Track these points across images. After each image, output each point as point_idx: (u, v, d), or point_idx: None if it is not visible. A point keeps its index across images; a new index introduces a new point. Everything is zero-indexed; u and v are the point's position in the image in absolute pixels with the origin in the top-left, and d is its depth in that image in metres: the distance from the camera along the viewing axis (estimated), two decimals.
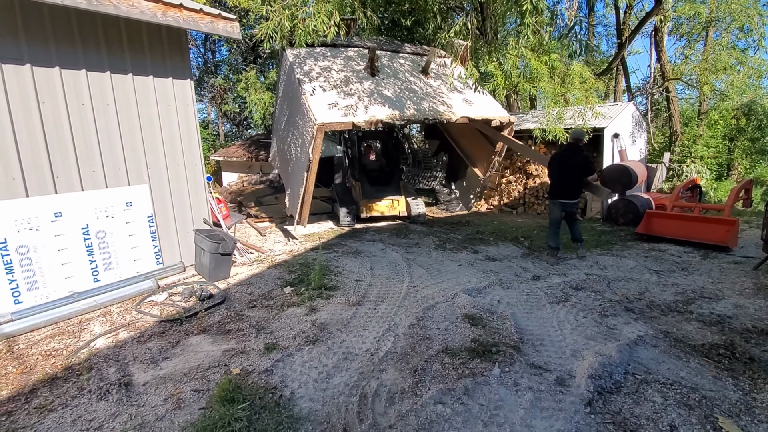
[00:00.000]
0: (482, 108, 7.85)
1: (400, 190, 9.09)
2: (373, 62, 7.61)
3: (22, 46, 3.86)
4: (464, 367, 3.15)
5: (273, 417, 2.60)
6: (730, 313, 4.16)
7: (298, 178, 7.00)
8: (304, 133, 6.59)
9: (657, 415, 2.63)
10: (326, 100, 6.61)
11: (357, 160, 9.31)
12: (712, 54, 10.27)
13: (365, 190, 8.87)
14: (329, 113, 6.27)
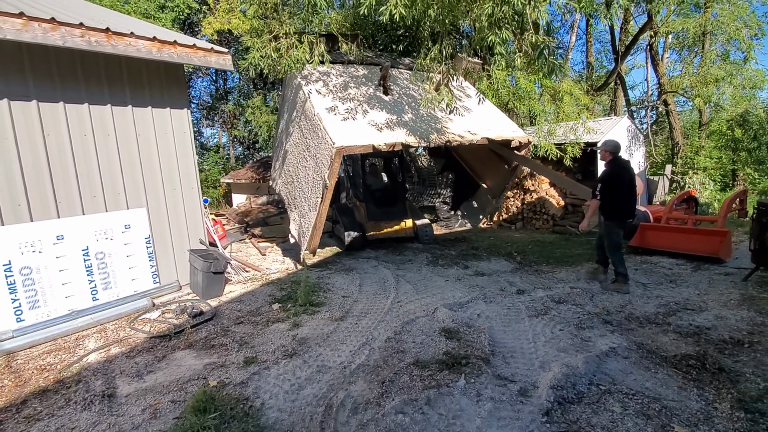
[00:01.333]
0: (501, 128, 7.39)
1: (407, 212, 8.74)
2: (386, 80, 7.26)
3: (29, 85, 4.25)
4: (431, 378, 3.24)
5: (240, 426, 2.74)
6: (710, 324, 4.16)
7: (307, 203, 6.59)
8: (317, 155, 6.09)
9: (613, 424, 2.68)
10: (341, 121, 6.17)
11: (361, 180, 8.86)
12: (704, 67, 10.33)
13: (370, 211, 8.41)
14: (347, 135, 5.81)
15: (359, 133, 6.00)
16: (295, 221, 7.33)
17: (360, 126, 6.18)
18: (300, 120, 6.80)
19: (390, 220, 8.42)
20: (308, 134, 6.49)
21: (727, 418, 2.74)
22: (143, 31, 4.58)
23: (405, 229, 8.48)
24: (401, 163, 9.43)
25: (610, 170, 5.20)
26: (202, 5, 13.72)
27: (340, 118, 6.22)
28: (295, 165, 7.24)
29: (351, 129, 6.01)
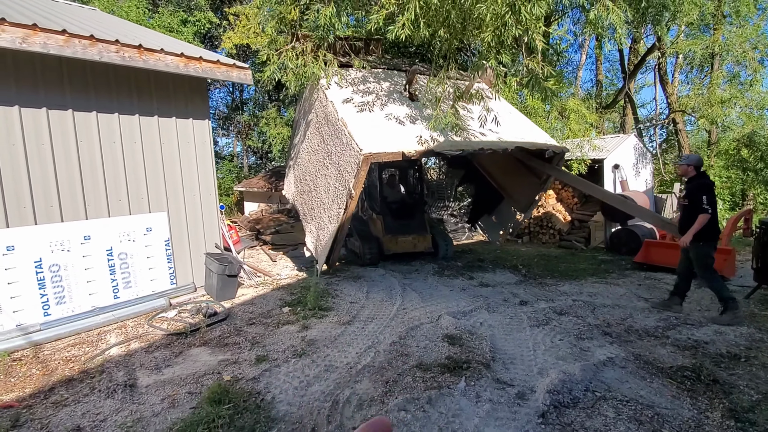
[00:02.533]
0: (533, 137, 6.86)
1: (426, 225, 8.37)
2: (412, 84, 6.90)
3: (66, 96, 4.59)
4: (433, 380, 3.40)
5: (252, 416, 2.92)
6: (708, 339, 4.25)
7: (326, 214, 6.26)
8: (341, 163, 5.76)
9: (606, 428, 2.81)
10: (367, 127, 5.79)
11: (378, 192, 8.42)
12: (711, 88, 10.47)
13: (387, 224, 8.05)
14: (374, 142, 5.44)
15: (386, 140, 5.63)
16: (311, 233, 6.99)
17: (386, 132, 5.81)
18: (321, 126, 6.46)
19: (408, 233, 8.01)
20: (330, 141, 6.13)
21: (718, 426, 2.84)
22: (172, 48, 4.92)
23: (424, 243, 8.06)
24: (419, 173, 9.09)
25: (707, 181, 4.69)
26: (222, 20, 14.32)
27: (365, 123, 5.84)
28: (313, 174, 6.90)
29: (377, 135, 5.65)
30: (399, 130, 6.01)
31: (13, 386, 3.44)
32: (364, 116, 6.00)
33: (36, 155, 4.43)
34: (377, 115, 6.15)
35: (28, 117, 4.36)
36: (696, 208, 4.52)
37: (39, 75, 4.40)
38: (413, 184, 9.18)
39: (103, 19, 6.78)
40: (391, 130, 5.94)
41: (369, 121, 5.92)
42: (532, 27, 5.06)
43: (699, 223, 4.49)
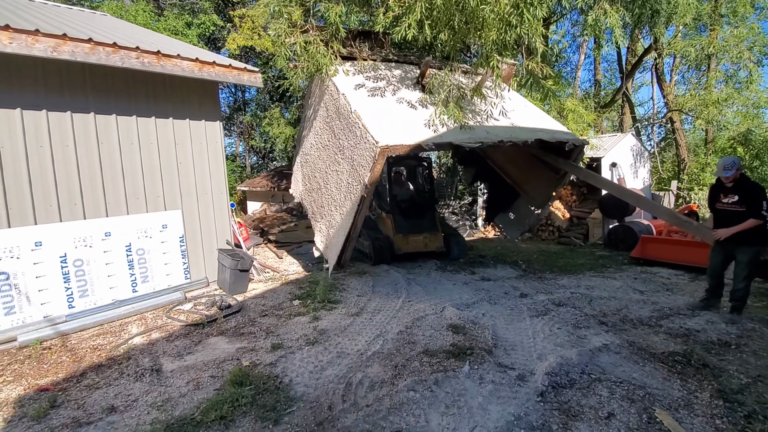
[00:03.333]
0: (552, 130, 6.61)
1: (437, 224, 8.19)
2: (425, 77, 6.71)
3: (89, 100, 4.83)
4: (439, 364, 3.63)
5: (273, 396, 3.16)
6: (700, 327, 4.48)
7: (338, 212, 6.07)
8: (354, 157, 5.58)
9: (600, 405, 3.04)
10: (381, 119, 5.62)
11: (386, 190, 8.20)
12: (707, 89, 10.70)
13: (397, 223, 7.88)
14: (389, 134, 5.27)
15: (402, 132, 5.48)
16: (321, 232, 6.82)
17: (401, 124, 5.66)
18: (332, 121, 6.27)
19: (419, 232, 7.84)
20: (342, 135, 5.93)
21: (706, 405, 3.07)
22: (187, 53, 5.16)
23: (435, 242, 7.87)
24: (429, 171, 8.88)
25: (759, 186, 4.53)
26: (226, 23, 14.56)
27: (379, 116, 5.66)
28: (323, 170, 6.71)
29: (392, 127, 5.48)
30: (414, 122, 5.83)
31: (46, 372, 3.68)
32: (377, 109, 5.83)
33: (61, 156, 4.67)
34: (391, 108, 5.99)
35: (54, 120, 4.60)
36: (754, 212, 4.34)
37: (64, 80, 4.64)
38: (423, 181, 8.97)
39: (119, 25, 7.02)
40: (406, 122, 5.76)
41: (383, 114, 5.76)
42: (533, 29, 5.30)
43: (750, 225, 4.36)
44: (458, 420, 2.85)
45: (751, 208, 4.38)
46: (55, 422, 2.92)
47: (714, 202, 4.72)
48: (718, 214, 4.70)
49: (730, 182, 4.52)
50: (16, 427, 2.89)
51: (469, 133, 5.82)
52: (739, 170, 4.50)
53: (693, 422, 2.84)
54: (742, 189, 4.49)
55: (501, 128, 6.31)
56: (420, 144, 5.38)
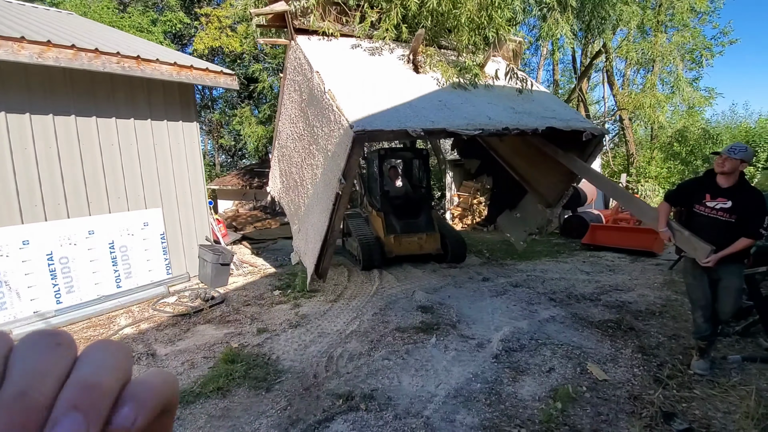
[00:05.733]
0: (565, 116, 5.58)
1: (433, 223, 7.43)
2: (416, 54, 5.67)
3: (70, 103, 5.00)
4: (410, 338, 4.13)
5: (263, 370, 3.56)
6: (632, 300, 5.21)
7: (315, 212, 5.23)
8: (328, 147, 4.71)
9: (543, 362, 3.63)
10: (361, 101, 4.64)
11: (378, 185, 7.46)
12: (644, 92, 11.81)
13: (389, 223, 7.17)
14: (369, 118, 4.35)
15: (386, 116, 4.56)
16: (298, 236, 6.09)
17: (386, 108, 4.71)
18: (306, 106, 5.32)
19: (413, 233, 7.16)
20: (317, 121, 5.01)
21: (628, 358, 3.72)
22: (166, 57, 5.39)
23: (432, 243, 7.22)
24: (425, 164, 8.05)
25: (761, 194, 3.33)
26: (193, 20, 14.48)
27: (359, 97, 4.72)
28: (299, 165, 5.87)
29: (374, 110, 4.57)
30: (402, 105, 4.87)
31: None
32: (357, 89, 4.87)
33: (44, 157, 4.83)
34: (375, 89, 5.01)
35: (38, 123, 4.75)
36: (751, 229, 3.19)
37: (47, 85, 4.79)
38: (418, 176, 8.16)
39: (93, 27, 7.07)
40: (392, 105, 4.80)
41: (364, 96, 4.78)
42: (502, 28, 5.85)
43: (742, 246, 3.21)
44: (426, 379, 3.36)
45: (749, 222, 3.20)
46: None
47: (692, 201, 3.43)
48: (694, 219, 3.41)
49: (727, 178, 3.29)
50: None
51: (468, 119, 4.84)
52: (745, 165, 3.27)
53: (616, 371, 3.48)
54: (739, 194, 3.27)
55: (505, 113, 5.26)
56: (406, 130, 4.34)
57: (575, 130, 5.27)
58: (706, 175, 3.51)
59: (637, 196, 6.68)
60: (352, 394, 3.13)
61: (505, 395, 3.13)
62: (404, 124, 4.39)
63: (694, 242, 3.37)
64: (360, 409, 2.94)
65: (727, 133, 15.16)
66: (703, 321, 3.40)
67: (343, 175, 4.46)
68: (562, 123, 5.28)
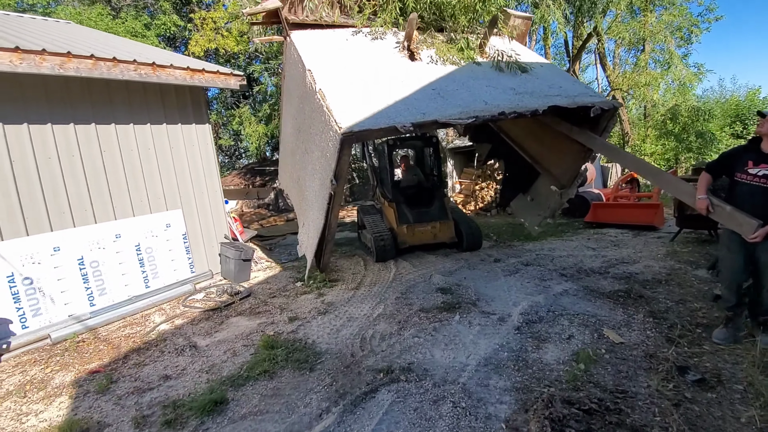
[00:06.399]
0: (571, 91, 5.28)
1: (447, 212, 7.35)
2: (411, 41, 5.48)
3: (89, 112, 5.14)
4: (434, 317, 4.38)
5: (303, 353, 3.79)
6: (639, 271, 5.48)
7: (315, 208, 5.29)
8: (323, 145, 4.73)
9: (562, 330, 3.89)
10: (352, 97, 4.67)
11: (389, 175, 7.46)
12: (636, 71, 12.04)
13: (402, 213, 7.13)
14: (358, 116, 4.38)
15: (376, 112, 4.51)
16: (302, 229, 6.25)
17: (377, 102, 4.67)
18: (303, 102, 5.34)
19: (426, 222, 7.11)
20: (311, 119, 5.09)
21: (641, 322, 3.98)
22: (179, 62, 5.54)
23: (446, 232, 7.15)
24: (436, 152, 8.02)
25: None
26: (187, 22, 14.48)
27: (351, 93, 4.74)
28: (300, 161, 5.89)
29: (364, 107, 4.54)
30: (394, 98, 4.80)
31: (90, 359, 4.12)
32: (349, 86, 4.85)
33: (68, 165, 4.99)
34: (368, 84, 4.95)
35: (60, 133, 4.91)
36: None
37: (66, 94, 4.94)
38: (430, 164, 8.10)
39: (99, 36, 7.18)
40: (383, 100, 4.73)
41: (356, 92, 4.76)
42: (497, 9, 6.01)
43: None
44: (456, 352, 3.61)
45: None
46: (120, 392, 3.43)
47: (734, 169, 3.25)
48: (735, 189, 3.26)
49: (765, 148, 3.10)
50: (84, 400, 3.37)
51: (462, 107, 4.70)
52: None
53: (631, 335, 3.74)
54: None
55: (504, 96, 5.06)
56: (394, 126, 4.31)
57: (583, 105, 4.97)
58: (750, 141, 3.33)
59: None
60: (391, 368, 3.38)
61: (531, 361, 3.39)
62: (393, 119, 4.35)
63: (739, 217, 3.15)
64: (401, 380, 3.19)
65: (717, 108, 15.50)
66: (729, 292, 3.38)
67: (335, 176, 4.53)
68: (567, 100, 5.04)
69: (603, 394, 2.85)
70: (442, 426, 2.65)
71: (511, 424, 2.63)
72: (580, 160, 6.02)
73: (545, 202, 6.70)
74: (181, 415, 2.99)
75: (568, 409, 2.67)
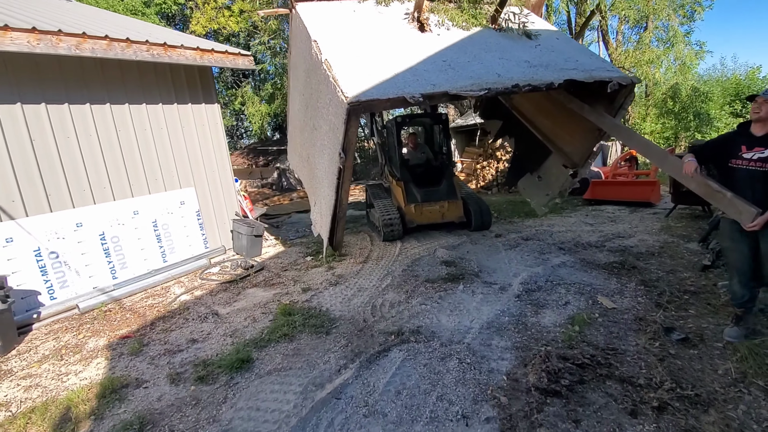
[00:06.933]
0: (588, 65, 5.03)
1: (455, 190, 7.20)
2: (421, 10, 5.37)
3: (104, 92, 5.29)
4: (440, 287, 4.66)
5: (318, 319, 4.08)
6: (633, 244, 5.75)
7: (325, 184, 5.24)
8: (330, 118, 4.61)
9: (559, 298, 4.17)
10: (359, 68, 4.54)
11: (397, 153, 7.32)
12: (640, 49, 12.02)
13: (410, 192, 7.02)
14: (365, 86, 4.24)
15: (384, 82, 4.40)
16: (314, 208, 6.15)
17: (385, 73, 4.54)
18: (310, 75, 5.21)
19: (434, 201, 6.97)
20: (318, 92, 4.98)
21: (633, 290, 4.26)
22: (189, 43, 5.64)
23: (454, 211, 7.03)
24: (445, 130, 7.83)
25: None
26: (188, 1, 14.31)
27: (357, 64, 4.61)
28: (309, 137, 5.78)
29: (372, 77, 4.42)
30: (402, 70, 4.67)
31: (119, 326, 4.42)
32: (357, 56, 4.73)
33: (86, 144, 5.18)
34: (375, 54, 4.82)
35: (77, 112, 5.07)
36: None
37: (81, 74, 5.08)
38: (439, 142, 7.96)
39: (108, 16, 7.23)
40: (392, 70, 4.61)
41: (363, 62, 4.64)
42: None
43: None
44: (461, 317, 3.90)
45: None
46: (152, 354, 3.73)
47: (727, 156, 3.19)
48: (731, 175, 3.17)
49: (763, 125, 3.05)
50: (119, 361, 3.67)
51: (474, 78, 4.53)
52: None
53: (623, 301, 4.03)
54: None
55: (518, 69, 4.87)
56: (403, 96, 4.18)
57: (600, 80, 4.75)
58: (739, 126, 3.32)
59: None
60: (401, 331, 3.67)
61: (530, 324, 3.68)
62: (402, 90, 4.21)
63: (738, 204, 3.08)
64: (410, 341, 3.49)
65: (718, 87, 15.51)
66: (740, 287, 3.18)
67: (343, 149, 4.41)
68: (583, 74, 4.82)
69: (595, 352, 3.14)
70: (449, 378, 2.95)
71: (511, 376, 2.92)
72: (593, 138, 5.86)
73: (555, 181, 6.56)
74: (211, 372, 3.29)
75: (563, 364, 2.96)
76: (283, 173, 17.48)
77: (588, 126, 5.67)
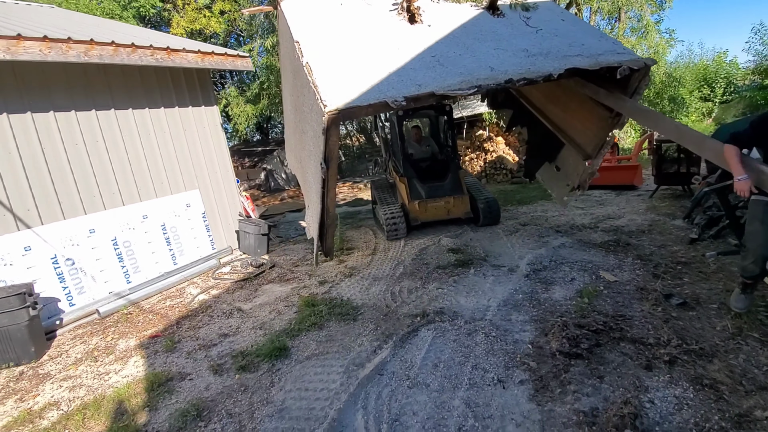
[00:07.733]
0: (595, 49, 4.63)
1: (461, 185, 6.97)
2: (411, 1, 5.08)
3: (110, 98, 5.31)
4: (451, 272, 4.92)
5: (342, 308, 4.28)
6: (624, 224, 6.15)
7: (312, 193, 5.00)
8: (314, 125, 4.34)
9: (565, 275, 4.49)
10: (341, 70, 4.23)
11: (400, 148, 7.10)
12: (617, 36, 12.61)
13: (414, 188, 6.83)
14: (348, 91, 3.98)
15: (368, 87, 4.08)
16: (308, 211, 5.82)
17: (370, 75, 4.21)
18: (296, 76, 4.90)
19: (439, 197, 6.76)
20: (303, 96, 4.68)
21: (630, 265, 4.61)
22: (190, 46, 5.71)
23: (460, 207, 6.83)
24: (450, 122, 7.48)
25: None
26: (165, 3, 14.06)
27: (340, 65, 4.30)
28: (300, 140, 5.49)
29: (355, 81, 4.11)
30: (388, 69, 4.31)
31: (144, 327, 4.51)
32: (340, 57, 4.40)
33: (94, 150, 5.20)
34: (360, 54, 4.48)
35: (84, 119, 5.08)
36: None
37: (86, 81, 5.09)
38: (443, 135, 7.74)
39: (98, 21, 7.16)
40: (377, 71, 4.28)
41: (345, 63, 4.32)
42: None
43: None
44: (478, 297, 4.17)
45: None
46: (187, 349, 3.85)
47: None
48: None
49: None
50: (156, 358, 3.79)
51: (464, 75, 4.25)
52: None
53: (623, 274, 4.37)
54: None
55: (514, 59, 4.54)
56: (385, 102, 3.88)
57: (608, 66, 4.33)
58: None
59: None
60: (425, 312, 3.91)
61: (542, 300, 3.98)
62: (384, 94, 3.91)
63: None
64: (436, 321, 3.73)
65: (688, 73, 16.33)
66: (754, 265, 3.12)
67: (324, 160, 4.15)
68: (588, 60, 4.44)
69: (606, 319, 3.46)
70: (479, 351, 3.21)
71: (536, 344, 3.21)
72: (607, 126, 5.40)
73: (573, 171, 6.12)
74: (251, 361, 3.45)
75: (579, 331, 3.26)
76: (270, 174, 17.45)
77: (600, 114, 5.30)
